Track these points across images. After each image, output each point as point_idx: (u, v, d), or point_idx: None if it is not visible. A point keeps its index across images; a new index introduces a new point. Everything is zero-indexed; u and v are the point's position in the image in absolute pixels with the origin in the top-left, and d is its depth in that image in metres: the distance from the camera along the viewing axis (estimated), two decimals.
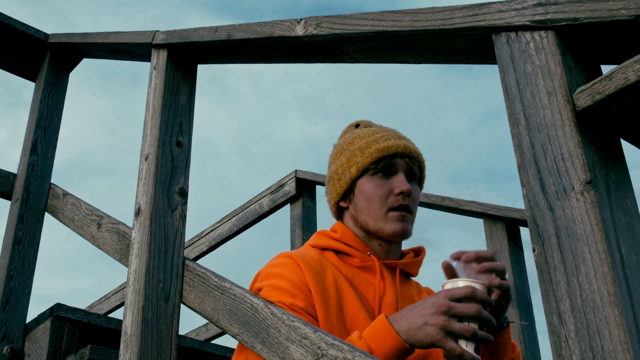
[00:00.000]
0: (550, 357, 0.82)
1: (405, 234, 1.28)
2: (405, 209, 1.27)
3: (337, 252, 1.32)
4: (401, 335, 1.03)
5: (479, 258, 1.11)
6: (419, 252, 1.38)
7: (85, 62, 2.36)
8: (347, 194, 1.33)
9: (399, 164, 1.29)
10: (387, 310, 1.25)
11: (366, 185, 1.29)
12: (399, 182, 1.27)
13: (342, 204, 1.35)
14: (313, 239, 1.37)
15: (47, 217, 2.09)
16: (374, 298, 1.25)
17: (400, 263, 1.32)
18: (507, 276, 1.16)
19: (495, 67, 1.01)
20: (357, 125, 1.42)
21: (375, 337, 1.05)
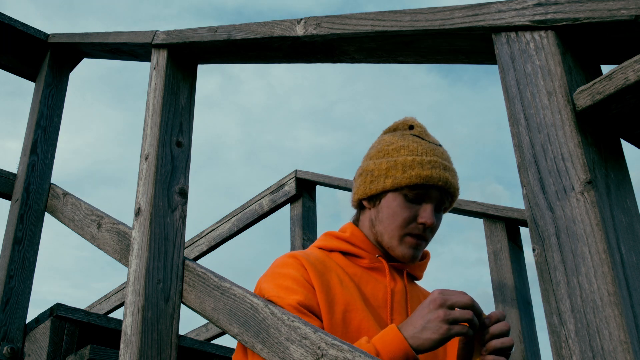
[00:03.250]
0: (550, 357, 0.82)
1: (413, 260, 1.31)
2: (422, 239, 1.29)
3: (345, 253, 1.33)
4: (408, 340, 1.06)
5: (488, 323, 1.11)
6: (424, 256, 1.40)
7: (100, 76, 2.37)
8: (374, 198, 1.33)
9: (432, 194, 1.28)
10: (399, 308, 1.27)
11: (394, 202, 1.28)
12: (426, 213, 1.27)
13: (365, 203, 1.35)
14: (320, 241, 1.37)
15: (49, 219, 2.09)
16: (386, 296, 1.27)
17: (407, 266, 1.34)
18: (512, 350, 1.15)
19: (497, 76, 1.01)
20: (410, 127, 1.36)
21: (383, 341, 1.08)
